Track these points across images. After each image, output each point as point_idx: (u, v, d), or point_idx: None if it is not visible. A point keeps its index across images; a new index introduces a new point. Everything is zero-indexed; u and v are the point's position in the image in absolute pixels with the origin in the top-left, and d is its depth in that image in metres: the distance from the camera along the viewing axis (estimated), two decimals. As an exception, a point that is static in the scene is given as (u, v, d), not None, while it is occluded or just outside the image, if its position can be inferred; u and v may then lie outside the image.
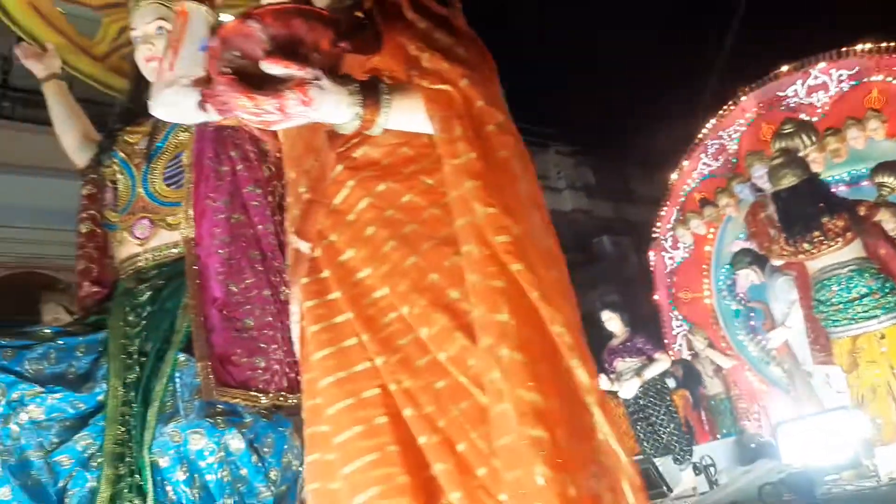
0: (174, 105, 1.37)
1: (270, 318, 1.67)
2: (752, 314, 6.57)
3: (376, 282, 1.10)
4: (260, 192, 1.72)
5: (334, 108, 1.01)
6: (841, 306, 3.33)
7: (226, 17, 1.12)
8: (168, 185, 1.80)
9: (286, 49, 0.92)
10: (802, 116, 5.80)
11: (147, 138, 1.85)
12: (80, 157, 2.00)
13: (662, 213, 7.35)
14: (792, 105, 6.14)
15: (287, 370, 1.66)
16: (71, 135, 2.04)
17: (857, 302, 3.27)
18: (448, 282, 1.05)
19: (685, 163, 7.16)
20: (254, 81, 0.92)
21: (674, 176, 7.28)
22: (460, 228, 1.02)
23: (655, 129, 7.77)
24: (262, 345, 1.65)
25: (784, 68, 6.14)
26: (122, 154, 1.86)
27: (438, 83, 1.05)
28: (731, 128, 6.82)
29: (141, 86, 1.96)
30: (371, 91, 1.04)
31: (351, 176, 1.15)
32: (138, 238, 1.78)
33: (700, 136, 7.02)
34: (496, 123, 1.05)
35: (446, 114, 1.04)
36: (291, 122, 1.00)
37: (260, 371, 1.63)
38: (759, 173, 5.65)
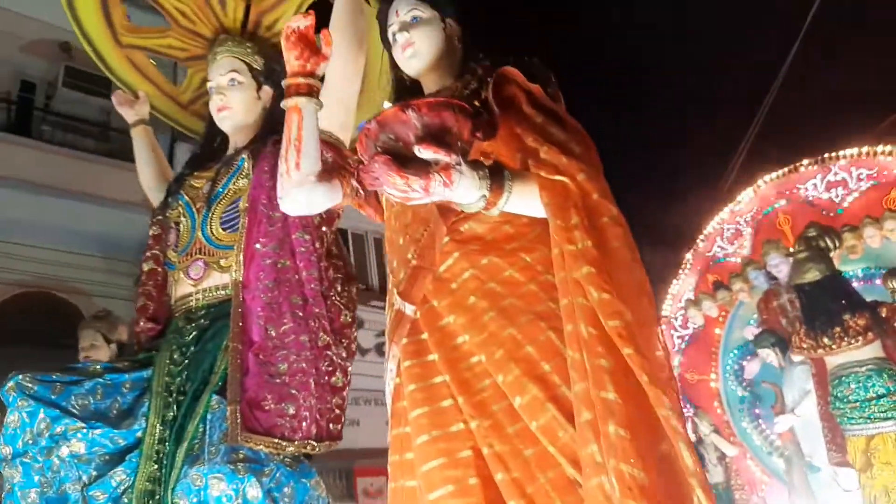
0: (305, 202, 1.47)
1: (304, 365, 1.65)
2: (758, 402, 6.55)
3: (474, 348, 1.19)
4: (308, 238, 1.73)
5: (467, 190, 1.12)
6: (858, 404, 3.35)
7: (387, 105, 1.24)
8: (224, 229, 1.85)
9: (435, 136, 1.04)
10: (822, 212, 5.92)
11: (210, 183, 1.93)
12: (155, 196, 2.09)
13: (674, 291, 7.41)
14: (810, 198, 6.26)
15: (318, 417, 1.64)
16: (149, 175, 2.15)
17: (874, 402, 3.30)
18: (542, 355, 1.14)
19: (700, 244, 7.26)
20: (400, 161, 1.04)
21: (688, 256, 7.37)
22: (566, 307, 1.11)
23: (672, 208, 7.89)
24: (294, 391, 1.63)
25: (804, 162, 6.30)
26: (186, 197, 1.94)
27: (555, 174, 1.17)
28: (748, 214, 6.94)
29: (212, 133, 2.07)
30: (497, 177, 1.16)
31: (457, 248, 1.26)
32: (192, 279, 1.84)
33: (717, 219, 7.14)
34: (610, 216, 1.16)
35: (563, 203, 1.15)
36: (430, 199, 1.11)
37: (288, 418, 1.61)
38: (775, 262, 5.74)
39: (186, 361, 1.77)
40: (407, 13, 1.48)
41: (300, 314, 1.69)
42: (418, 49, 1.46)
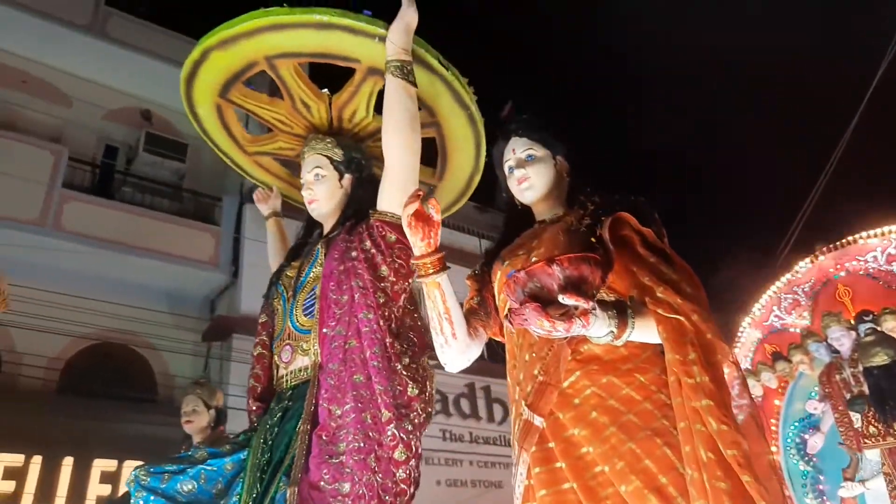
0: (467, 361, 1.66)
1: (362, 444, 1.65)
2: (822, 476, 6.38)
3: (597, 458, 1.34)
4: (372, 318, 1.77)
5: (599, 329, 1.31)
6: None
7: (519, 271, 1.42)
8: (305, 315, 1.95)
9: (575, 285, 1.23)
10: (883, 284, 5.88)
11: (297, 272, 2.07)
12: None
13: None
14: (871, 271, 6.22)
15: (381, 493, 1.62)
16: (278, 261, 2.34)
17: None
18: (659, 468, 1.29)
19: (758, 313, 7.21)
20: (543, 303, 1.23)
21: (745, 323, 7.32)
22: (684, 430, 1.27)
23: (727, 277, 7.89)
24: (349, 470, 1.63)
25: (864, 234, 6.29)
26: (282, 286, 2.10)
27: (671, 313, 1.34)
28: (806, 284, 6.88)
29: (309, 225, 2.26)
30: (622, 315, 1.35)
31: (578, 366, 1.44)
32: (283, 362, 1.97)
33: (774, 288, 7.10)
34: (723, 354, 1.32)
35: (680, 339, 1.31)
36: (568, 336, 1.29)
37: (342, 497, 1.60)
38: (836, 335, 5.68)
39: (271, 441, 1.88)
40: (523, 151, 1.71)
41: (363, 392, 1.71)
42: (533, 183, 1.69)
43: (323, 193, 2.07)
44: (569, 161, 1.75)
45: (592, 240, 1.44)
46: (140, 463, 1.92)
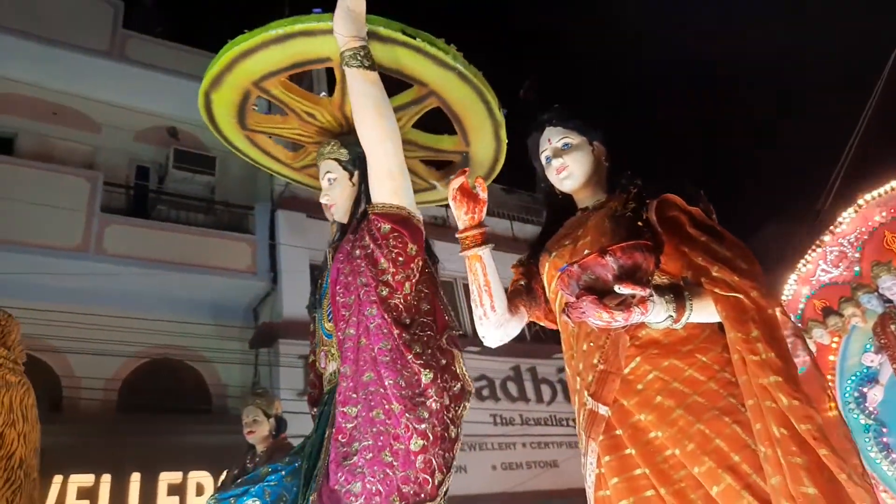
0: (506, 336, 1.71)
1: (371, 441, 1.64)
2: (885, 429, 6.24)
3: (666, 442, 1.34)
4: (376, 313, 1.77)
5: (657, 314, 1.31)
6: None
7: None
8: (329, 321, 1.97)
9: (630, 274, 1.23)
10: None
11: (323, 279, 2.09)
12: None
13: (779, 318, 7.20)
14: (917, 215, 6.04)
15: (400, 486, 1.59)
16: None
17: None
18: (730, 447, 1.29)
19: (803, 268, 7.05)
20: (599, 295, 1.22)
21: (792, 280, 7.17)
22: (753, 408, 1.26)
23: (769, 232, 7.74)
24: (360, 469, 1.62)
25: (908, 178, 6.10)
26: (316, 294, 2.12)
27: (729, 291, 1.32)
28: (851, 235, 6.71)
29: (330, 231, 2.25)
30: (679, 298, 1.35)
31: (638, 352, 1.43)
32: (322, 368, 2.00)
33: (819, 242, 6.93)
34: (788, 329, 1.32)
35: (741, 317, 1.30)
36: (628, 324, 1.29)
37: (353, 497, 1.59)
38: (887, 284, 5.54)
39: (309, 448, 1.92)
40: (559, 140, 1.71)
41: (371, 389, 1.71)
42: (571, 171, 1.68)
43: (337, 196, 2.08)
44: (605, 145, 1.73)
45: (639, 224, 1.43)
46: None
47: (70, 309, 7.33)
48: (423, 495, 1.60)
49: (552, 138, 1.72)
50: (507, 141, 2.15)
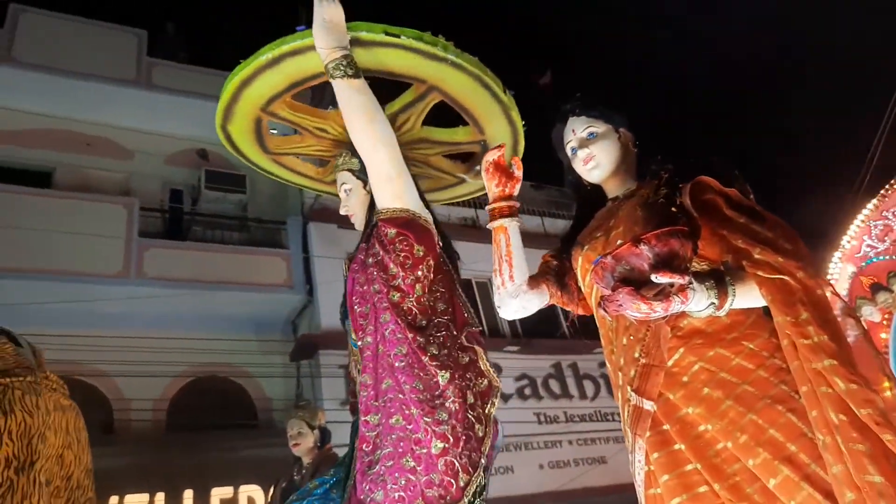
0: (522, 308, 1.69)
1: (391, 448, 1.62)
2: (946, 406, 6.02)
3: (717, 435, 1.28)
4: (389, 318, 1.75)
5: (698, 303, 1.25)
6: None
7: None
8: (353, 332, 1.94)
9: (667, 262, 1.17)
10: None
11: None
12: None
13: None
14: (964, 182, 5.80)
15: (423, 491, 1.57)
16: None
17: None
18: (786, 437, 1.23)
19: (848, 245, 6.83)
20: (636, 286, 1.17)
21: (836, 257, 6.96)
22: (807, 394, 1.19)
23: (812, 207, 7.53)
24: (381, 478, 1.61)
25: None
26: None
27: (773, 273, 1.26)
28: (895, 208, 6.49)
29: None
30: (721, 284, 1.29)
31: (681, 343, 1.37)
32: (354, 378, 1.96)
33: (862, 216, 6.71)
34: (840, 309, 1.24)
35: (788, 300, 1.23)
36: (668, 315, 1.23)
37: None
38: (939, 255, 5.34)
39: (347, 459, 1.93)
40: (583, 130, 1.65)
41: (390, 396, 1.70)
42: (599, 161, 1.63)
43: (355, 205, 2.08)
44: (632, 131, 1.68)
45: (673, 210, 1.36)
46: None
47: (115, 333, 7.51)
48: (448, 498, 1.57)
49: (576, 128, 1.66)
50: (522, 122, 2.11)
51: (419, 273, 1.79)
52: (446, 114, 2.13)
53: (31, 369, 2.27)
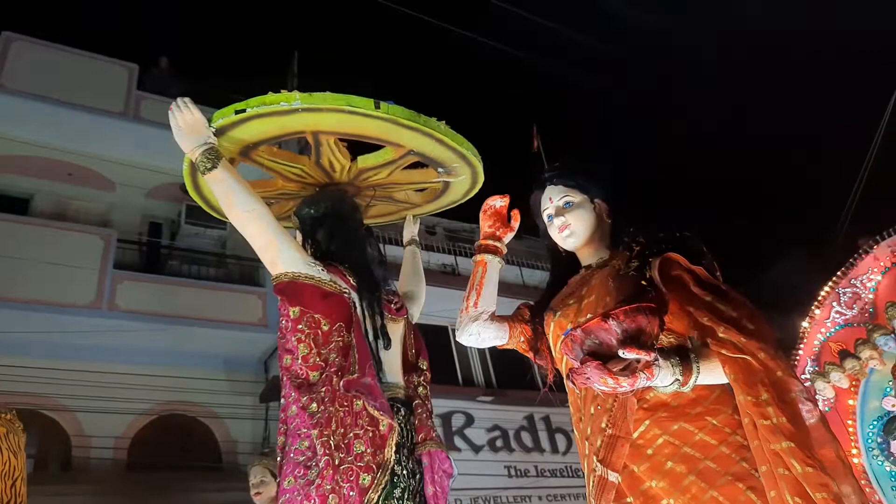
0: (477, 334, 1.73)
1: None
2: (913, 476, 6.05)
3: None
4: (285, 381, 1.82)
5: (663, 379, 1.30)
6: None
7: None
8: None
9: (634, 338, 1.21)
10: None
11: None
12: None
13: (794, 362, 7.10)
14: (929, 255, 6.00)
15: None
16: (404, 285, 2.41)
17: None
18: None
19: (817, 311, 6.97)
20: (603, 359, 1.21)
21: (805, 324, 7.08)
22: (766, 474, 1.22)
23: (780, 277, 7.70)
24: None
25: (916, 219, 6.08)
26: None
27: (736, 353, 1.29)
28: (864, 276, 6.65)
29: None
30: (686, 360, 1.33)
31: (646, 415, 1.40)
32: None
33: (831, 283, 6.87)
34: (798, 391, 1.27)
35: (749, 379, 1.27)
36: (634, 390, 1.27)
37: None
38: (904, 325, 5.47)
39: None
40: (560, 199, 1.72)
41: (286, 458, 1.77)
42: (574, 229, 1.69)
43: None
44: (608, 202, 1.74)
45: (643, 283, 1.41)
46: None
47: (80, 367, 7.35)
48: None
49: (553, 196, 1.73)
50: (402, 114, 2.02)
51: (298, 333, 1.84)
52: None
53: (8, 407, 2.24)
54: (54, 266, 7.49)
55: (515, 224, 1.81)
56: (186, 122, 1.88)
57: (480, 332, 1.73)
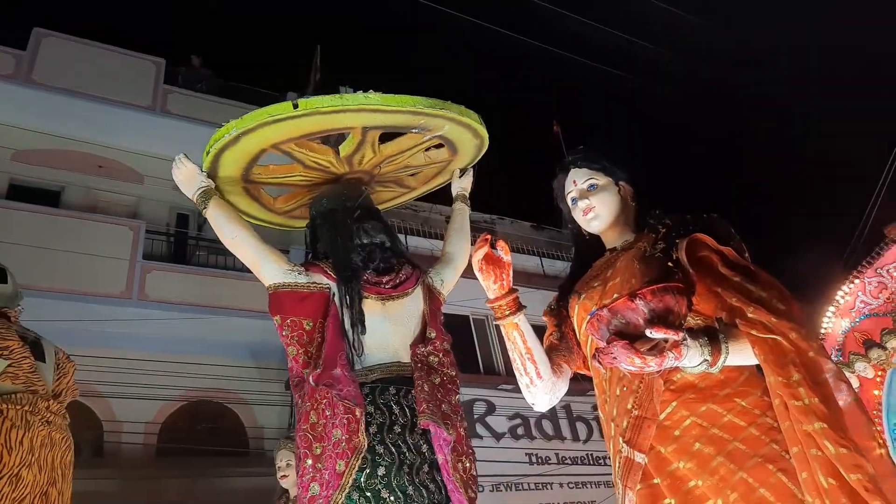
0: (556, 398, 1.68)
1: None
2: (939, 466, 6.01)
3: (707, 492, 1.29)
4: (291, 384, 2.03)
5: (692, 359, 1.27)
6: None
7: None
8: None
9: (662, 317, 1.20)
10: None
11: None
12: None
13: (820, 352, 7.04)
14: (957, 243, 5.92)
15: None
16: (445, 248, 2.50)
17: None
18: (775, 497, 1.23)
19: (842, 300, 6.91)
20: (630, 339, 1.21)
21: (830, 313, 7.02)
22: (798, 455, 1.21)
23: (806, 265, 7.63)
24: None
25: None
26: None
27: (766, 333, 1.27)
28: (890, 265, 6.59)
29: None
30: (715, 341, 1.30)
31: (674, 397, 1.38)
32: None
33: (856, 272, 6.81)
34: (830, 371, 1.24)
35: (780, 360, 1.24)
36: (661, 370, 1.26)
37: None
38: (931, 314, 5.42)
39: None
40: (584, 182, 1.70)
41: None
42: (598, 212, 1.67)
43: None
44: (632, 185, 1.72)
45: (669, 264, 1.39)
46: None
47: (112, 354, 7.53)
48: None
49: (577, 179, 1.71)
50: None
51: (286, 337, 1.97)
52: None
53: (36, 393, 2.26)
54: (85, 256, 7.67)
55: (507, 255, 1.54)
56: (184, 174, 2.23)
57: (556, 394, 1.65)
